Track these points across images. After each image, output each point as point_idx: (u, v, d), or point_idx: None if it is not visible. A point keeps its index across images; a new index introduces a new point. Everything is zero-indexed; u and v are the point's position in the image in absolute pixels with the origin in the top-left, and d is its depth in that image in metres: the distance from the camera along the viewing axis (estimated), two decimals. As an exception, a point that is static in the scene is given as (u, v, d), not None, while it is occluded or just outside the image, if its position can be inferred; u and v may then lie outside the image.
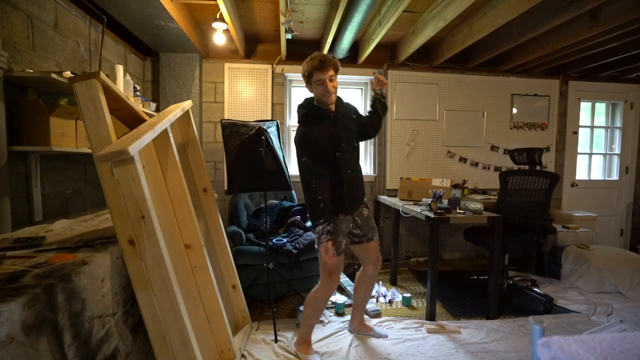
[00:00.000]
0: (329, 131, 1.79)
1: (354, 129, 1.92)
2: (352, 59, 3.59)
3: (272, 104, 3.53)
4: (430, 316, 2.40)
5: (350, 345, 2.08)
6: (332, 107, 1.83)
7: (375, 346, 2.08)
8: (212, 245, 2.08)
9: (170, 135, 1.69)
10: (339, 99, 1.88)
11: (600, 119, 4.28)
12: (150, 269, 1.23)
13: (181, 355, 1.28)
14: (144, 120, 1.67)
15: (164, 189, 1.69)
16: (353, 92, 3.88)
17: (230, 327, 1.84)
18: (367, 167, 3.82)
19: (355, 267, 3.15)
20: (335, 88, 1.78)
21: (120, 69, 2.24)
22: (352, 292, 2.72)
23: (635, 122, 4.16)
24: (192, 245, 1.73)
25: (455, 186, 3.47)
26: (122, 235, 1.28)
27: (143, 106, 2.72)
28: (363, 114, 2.05)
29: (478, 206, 2.45)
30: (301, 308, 2.09)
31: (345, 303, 2.60)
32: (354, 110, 1.99)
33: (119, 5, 2.26)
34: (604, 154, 4.28)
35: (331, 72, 1.73)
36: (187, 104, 1.95)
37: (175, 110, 1.77)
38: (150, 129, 1.39)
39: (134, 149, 1.18)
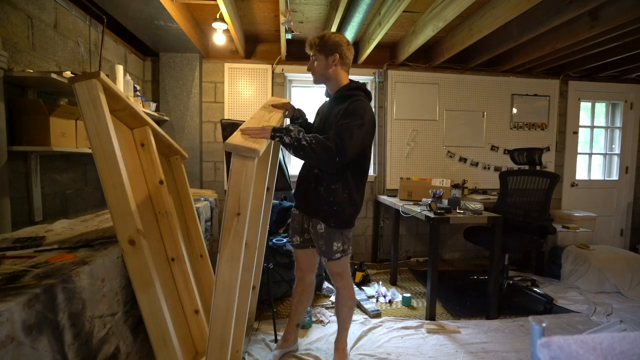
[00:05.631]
0: (321, 112, 1.82)
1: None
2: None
3: (272, 104, 3.53)
4: (430, 316, 2.40)
5: (349, 345, 2.08)
6: (331, 91, 1.74)
7: (375, 346, 2.08)
8: None
9: None
10: (342, 90, 1.67)
11: (600, 119, 4.29)
12: (223, 264, 1.22)
13: (214, 355, 1.27)
14: (144, 120, 1.67)
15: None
16: (353, 92, 3.88)
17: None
18: (367, 167, 3.81)
19: (356, 267, 3.15)
20: (313, 69, 1.71)
21: (120, 69, 2.25)
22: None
23: (635, 122, 4.16)
24: (248, 244, 1.72)
25: (455, 186, 3.47)
26: (122, 235, 1.28)
27: (143, 106, 2.73)
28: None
29: (478, 206, 2.45)
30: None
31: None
32: (343, 109, 1.59)
33: (119, 5, 2.26)
34: (604, 154, 4.28)
35: (312, 52, 1.70)
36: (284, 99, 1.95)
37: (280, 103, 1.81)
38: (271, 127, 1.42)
39: (263, 149, 1.22)
